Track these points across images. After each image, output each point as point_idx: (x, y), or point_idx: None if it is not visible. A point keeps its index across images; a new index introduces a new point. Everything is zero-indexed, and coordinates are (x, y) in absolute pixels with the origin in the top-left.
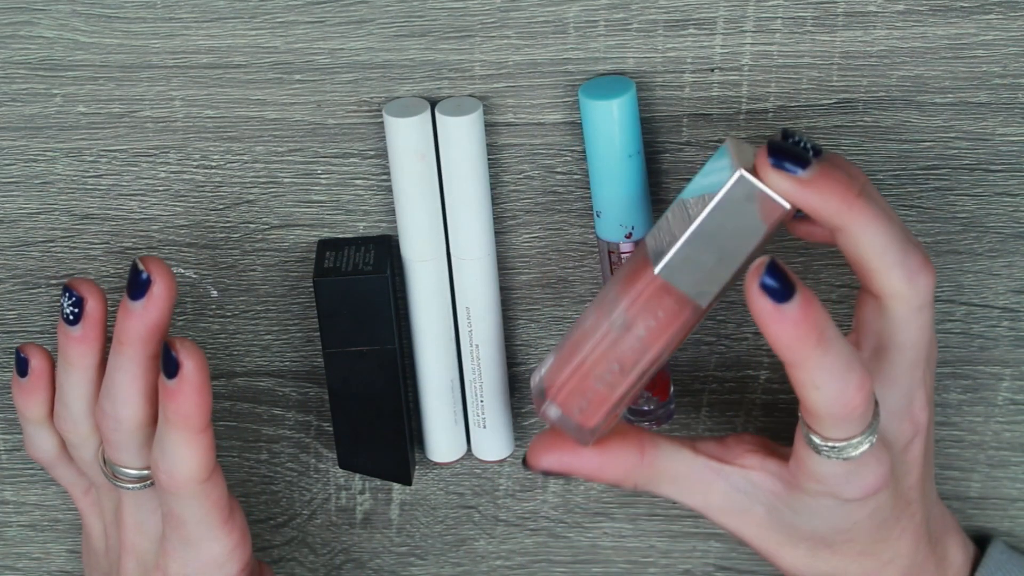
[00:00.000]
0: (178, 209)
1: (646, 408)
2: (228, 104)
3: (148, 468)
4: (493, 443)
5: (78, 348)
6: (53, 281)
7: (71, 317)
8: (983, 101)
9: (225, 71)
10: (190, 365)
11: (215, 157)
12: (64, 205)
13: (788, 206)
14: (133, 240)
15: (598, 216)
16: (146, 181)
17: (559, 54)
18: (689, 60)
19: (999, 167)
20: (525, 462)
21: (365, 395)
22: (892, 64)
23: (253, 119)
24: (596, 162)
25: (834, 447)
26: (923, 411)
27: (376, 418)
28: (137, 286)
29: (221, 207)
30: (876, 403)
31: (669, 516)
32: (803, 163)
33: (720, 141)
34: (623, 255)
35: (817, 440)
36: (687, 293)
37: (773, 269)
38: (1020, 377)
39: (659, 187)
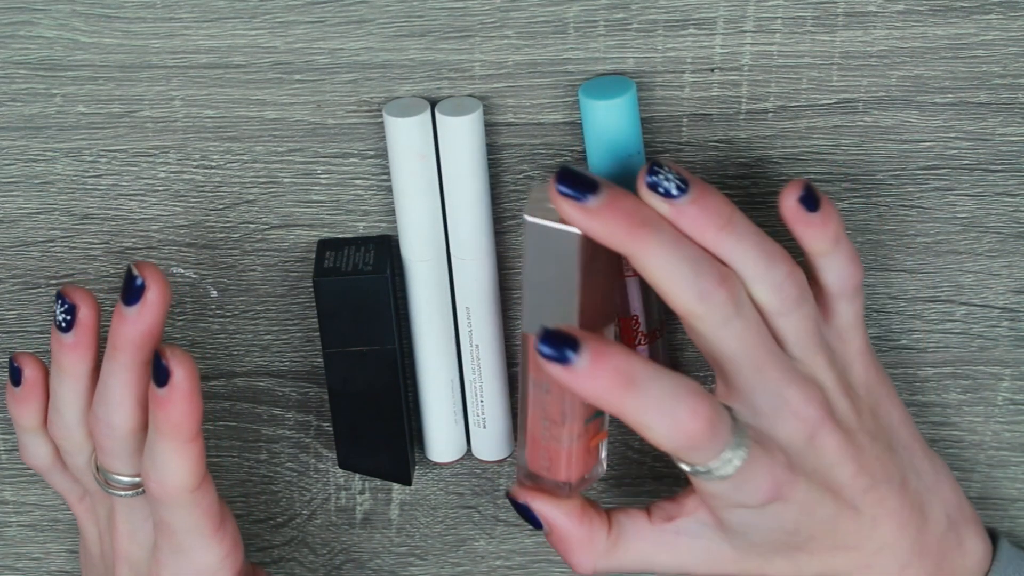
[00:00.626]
0: (178, 209)
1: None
2: (228, 104)
3: (140, 476)
4: (493, 443)
5: (71, 355)
6: (53, 281)
7: (64, 324)
8: (983, 101)
9: (225, 71)
10: (180, 373)
11: (215, 157)
12: (64, 205)
13: (578, 232)
14: (133, 240)
15: None
16: (146, 181)
17: (559, 54)
18: (689, 60)
19: (999, 167)
20: (508, 493)
21: (365, 395)
22: (892, 64)
23: (253, 119)
24: (596, 162)
25: (704, 470)
26: (807, 405)
27: (376, 418)
28: (131, 292)
29: (221, 207)
30: (731, 417)
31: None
32: (589, 191)
33: (720, 141)
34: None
35: (686, 467)
36: None
37: (546, 336)
38: (1020, 377)
39: None
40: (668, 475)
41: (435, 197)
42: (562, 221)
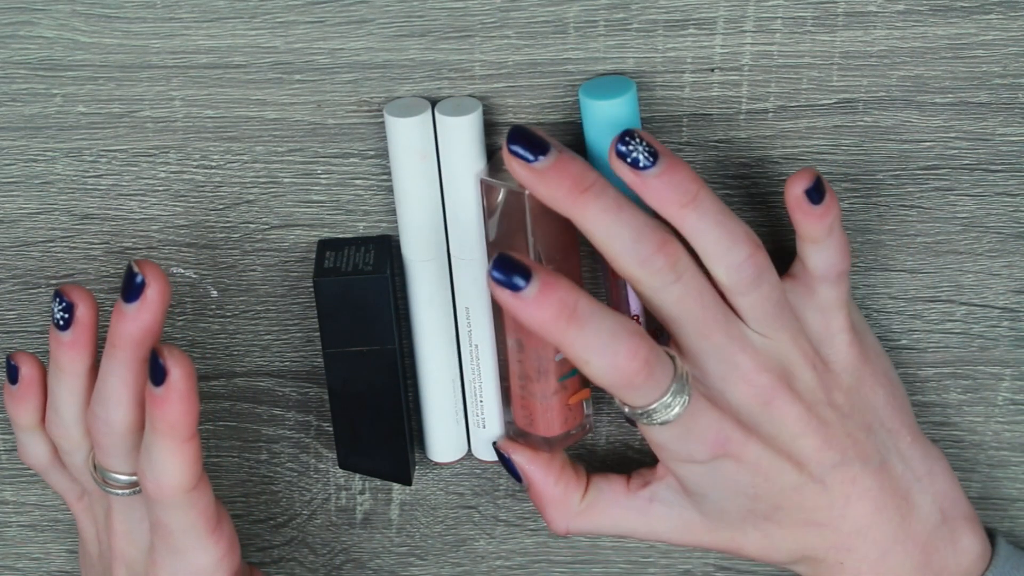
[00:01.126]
0: (178, 209)
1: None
2: (228, 104)
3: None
4: (489, 442)
5: (68, 354)
6: (53, 281)
7: (61, 323)
8: (983, 101)
9: (225, 71)
10: (177, 373)
11: (215, 157)
12: (64, 205)
13: (526, 191)
14: (133, 240)
15: None
16: (146, 181)
17: (559, 54)
18: (689, 60)
19: (999, 167)
20: (495, 444)
21: (365, 395)
22: (892, 64)
23: (253, 119)
24: (596, 162)
25: (643, 413)
26: (759, 373)
27: (376, 418)
28: (131, 289)
29: (221, 207)
30: (675, 365)
31: None
32: (539, 152)
33: (720, 141)
34: None
35: (625, 409)
36: None
37: (502, 260)
38: (1020, 377)
39: None
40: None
41: (436, 197)
42: (515, 182)
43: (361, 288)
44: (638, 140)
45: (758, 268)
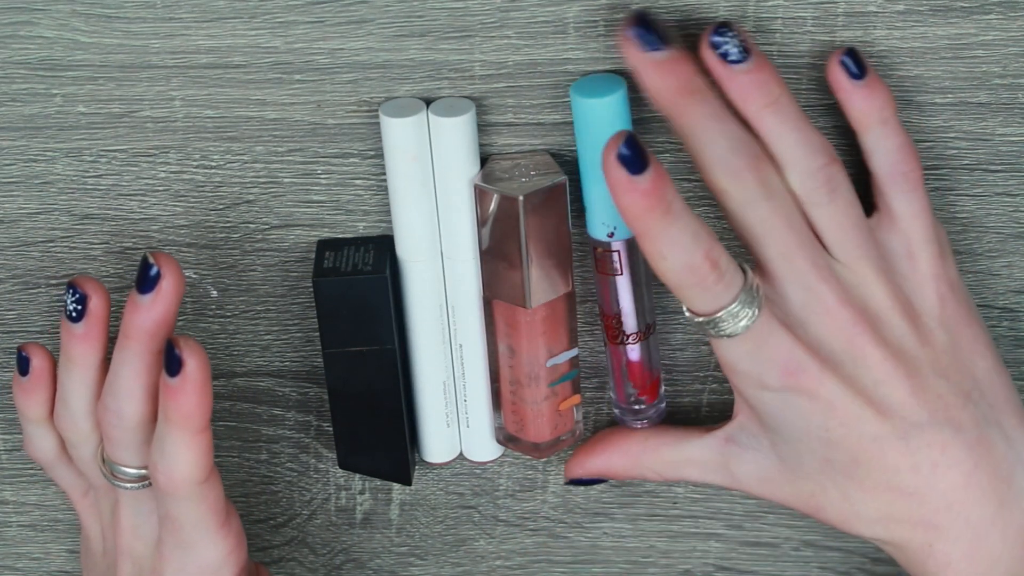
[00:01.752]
0: (178, 209)
1: (636, 407)
2: (228, 104)
3: (147, 468)
4: (477, 443)
5: (80, 346)
6: (53, 281)
7: (74, 314)
8: (983, 101)
9: (225, 71)
10: (193, 363)
11: (215, 157)
12: (64, 205)
13: (520, 196)
14: (133, 240)
15: (587, 214)
16: (146, 181)
17: (559, 54)
18: None
19: (999, 167)
20: (567, 479)
21: (364, 395)
22: (892, 64)
23: (253, 119)
24: (585, 160)
25: (708, 321)
26: (842, 305)
27: (376, 418)
28: (146, 280)
29: (221, 207)
30: (747, 277)
31: (669, 516)
32: (658, 43)
33: None
34: (609, 253)
35: (690, 315)
36: (507, 300)
37: (631, 141)
38: (1020, 377)
39: None
40: None
41: (429, 198)
42: (508, 188)
43: (360, 288)
44: (732, 33)
45: (833, 178)
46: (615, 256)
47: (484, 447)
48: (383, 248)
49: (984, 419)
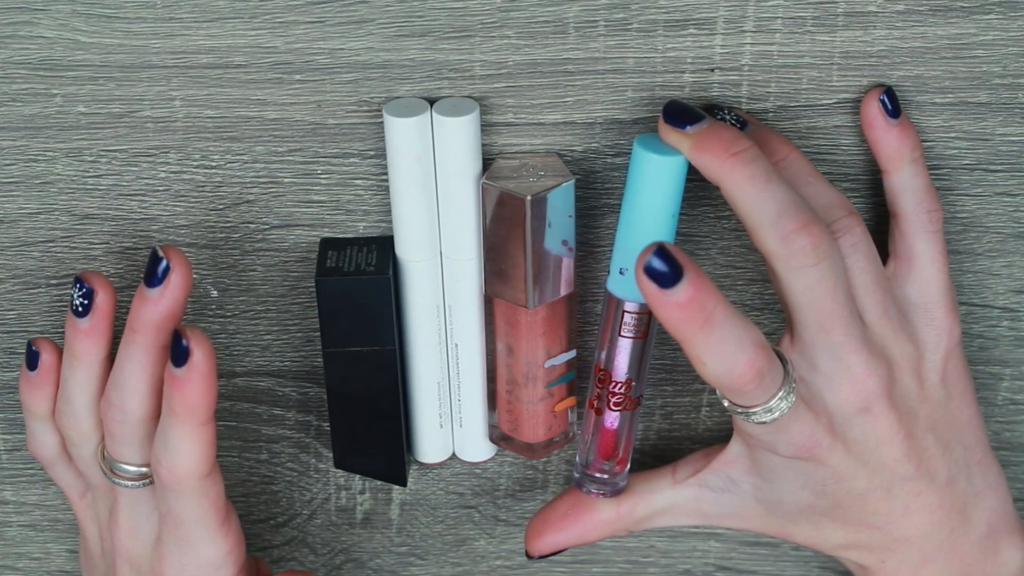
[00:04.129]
0: (178, 209)
1: (599, 476)
2: (228, 104)
3: (148, 465)
4: (471, 443)
5: (85, 341)
6: (53, 281)
7: (80, 309)
8: (983, 101)
9: (225, 71)
10: (199, 354)
11: (215, 157)
12: (64, 205)
13: (527, 197)
14: (133, 240)
15: (620, 274)
16: (146, 181)
17: (559, 54)
18: (689, 60)
19: (999, 167)
20: (527, 553)
21: (363, 395)
22: (892, 64)
23: (253, 119)
24: (640, 217)
25: (743, 412)
26: (867, 377)
27: (373, 419)
28: (155, 274)
29: (221, 207)
30: (784, 371)
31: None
32: (691, 120)
33: None
34: (642, 316)
35: (727, 404)
36: (509, 299)
37: (661, 253)
38: (1020, 377)
39: None
40: None
41: (431, 198)
42: (516, 187)
43: (362, 289)
44: (728, 111)
45: (853, 233)
46: (647, 319)
47: (477, 447)
48: (386, 249)
49: (955, 463)
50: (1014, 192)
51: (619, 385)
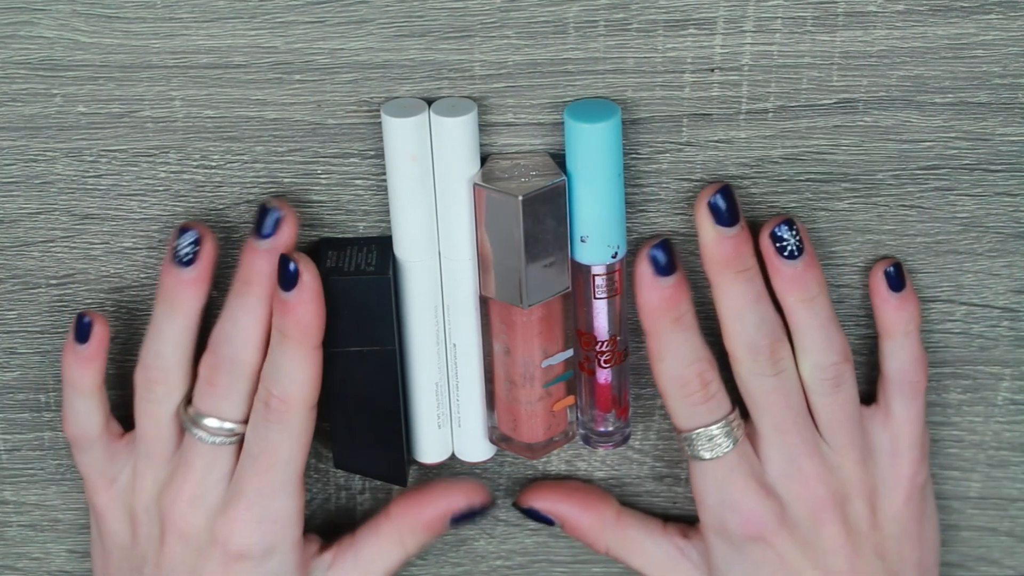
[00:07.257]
0: (178, 209)
1: (604, 430)
2: (228, 104)
3: (243, 421)
4: (469, 444)
5: (188, 290)
6: (53, 281)
7: (189, 256)
8: (983, 101)
9: (225, 71)
10: (308, 276)
11: (215, 157)
12: (64, 205)
13: (520, 197)
14: (133, 240)
15: (582, 242)
16: (146, 181)
17: (559, 54)
18: (689, 60)
19: (999, 167)
20: (515, 503)
21: (363, 395)
22: (892, 64)
23: (253, 119)
24: (589, 184)
25: (685, 438)
26: (818, 482)
27: (373, 419)
28: (267, 224)
29: (221, 207)
30: (732, 414)
31: (669, 516)
32: (731, 221)
33: (720, 141)
34: (611, 275)
35: (674, 426)
36: (504, 300)
37: (665, 246)
38: (1020, 377)
39: (660, 187)
40: (668, 475)
41: (429, 198)
42: (508, 187)
43: (363, 289)
44: (795, 231)
45: (841, 375)
46: (615, 277)
47: (476, 448)
48: (386, 249)
49: None
50: (1014, 192)
51: (604, 343)
